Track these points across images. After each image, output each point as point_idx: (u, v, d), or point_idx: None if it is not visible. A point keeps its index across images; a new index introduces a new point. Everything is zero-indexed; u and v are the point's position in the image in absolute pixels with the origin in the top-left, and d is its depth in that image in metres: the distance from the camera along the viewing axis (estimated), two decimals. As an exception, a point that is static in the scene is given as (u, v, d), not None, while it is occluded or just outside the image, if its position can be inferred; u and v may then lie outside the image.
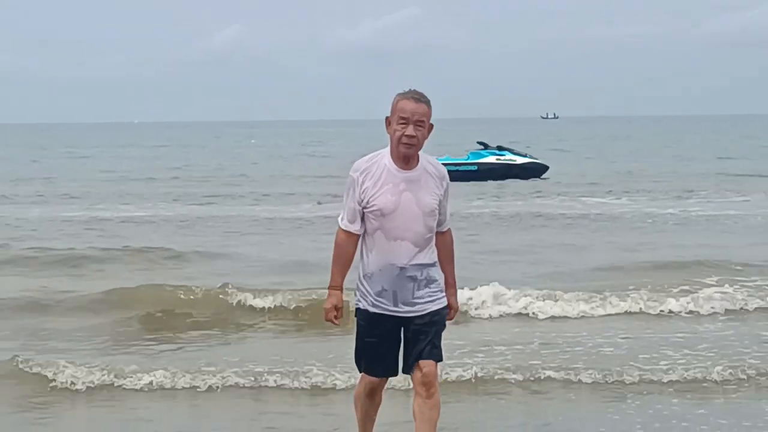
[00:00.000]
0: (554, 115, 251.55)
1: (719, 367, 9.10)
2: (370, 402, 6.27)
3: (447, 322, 6.17)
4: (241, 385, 8.71)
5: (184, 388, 8.72)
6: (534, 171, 35.93)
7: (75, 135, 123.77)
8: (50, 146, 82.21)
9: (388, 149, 6.01)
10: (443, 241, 6.17)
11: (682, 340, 10.51)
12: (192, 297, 12.28)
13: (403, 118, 5.91)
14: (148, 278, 13.82)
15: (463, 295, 10.82)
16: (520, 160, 36.09)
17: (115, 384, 8.77)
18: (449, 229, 6.21)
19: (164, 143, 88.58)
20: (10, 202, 28.54)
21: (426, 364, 6.03)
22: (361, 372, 6.21)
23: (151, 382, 8.77)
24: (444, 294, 6.16)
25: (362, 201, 5.98)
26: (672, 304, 12.15)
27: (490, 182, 33.64)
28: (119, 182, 37.71)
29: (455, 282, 6.21)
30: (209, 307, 12.00)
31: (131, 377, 8.86)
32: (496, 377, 8.82)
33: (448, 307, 6.12)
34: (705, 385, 8.74)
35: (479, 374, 8.80)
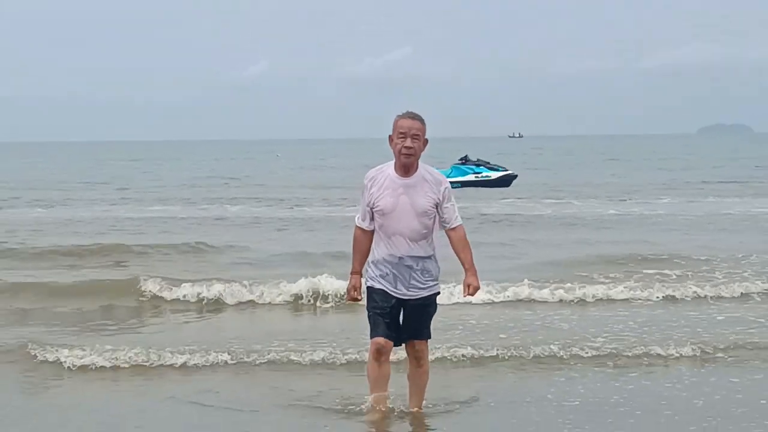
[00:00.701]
0: (519, 134, 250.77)
1: (654, 339, 8.97)
2: (377, 365, 6.18)
3: (474, 298, 6.40)
4: (273, 360, 8.32)
5: (205, 365, 8.25)
6: (506, 182, 35.98)
7: (127, 150, 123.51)
8: (110, 159, 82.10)
9: (393, 162, 6.09)
10: (454, 236, 6.18)
11: (624, 318, 10.34)
12: (216, 285, 11.77)
13: (401, 133, 6.01)
14: (188, 268, 13.61)
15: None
16: (494, 175, 36.10)
17: (149, 363, 8.23)
18: (459, 226, 6.18)
19: (202, 157, 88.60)
20: (77, 203, 28.48)
21: (418, 342, 6.25)
22: (371, 338, 6.19)
23: (185, 360, 8.28)
24: (437, 283, 6.22)
25: (370, 203, 6.11)
26: (617, 289, 11.90)
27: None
28: (167, 188, 37.67)
29: (472, 266, 6.15)
30: (233, 294, 11.64)
31: (165, 355, 8.35)
32: (468, 350, 8.58)
33: (468, 284, 6.09)
34: (639, 354, 8.55)
35: (454, 350, 8.54)
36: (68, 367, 8.15)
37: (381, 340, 6.12)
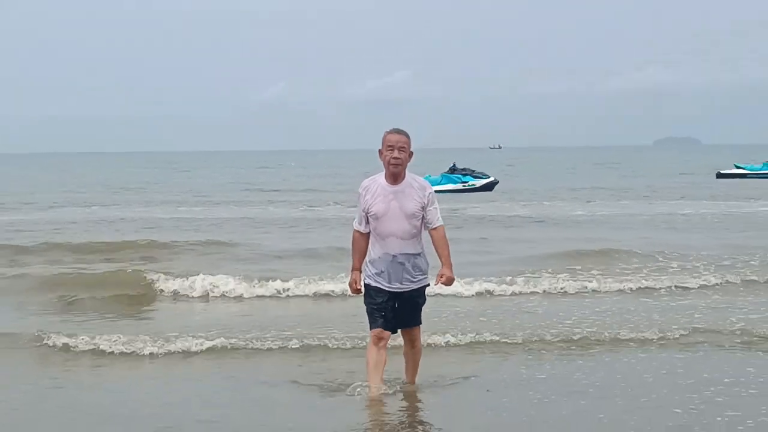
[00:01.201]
0: (499, 146, 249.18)
1: (613, 323, 8.96)
2: (376, 351, 6.16)
3: (448, 287, 6.40)
4: (285, 346, 8.13)
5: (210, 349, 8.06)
6: (489, 187, 36.01)
7: (162, 160, 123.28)
8: (146, 168, 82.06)
9: (383, 172, 6.10)
10: (435, 235, 6.13)
11: (589, 305, 10.33)
12: (233, 278, 11.57)
13: (389, 146, 6.00)
14: (207, 263, 13.51)
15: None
16: (479, 182, 36.13)
17: (162, 351, 8.00)
18: (440, 226, 6.16)
19: (227, 166, 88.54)
20: (118, 203, 28.44)
21: (412, 328, 6.30)
22: (370, 329, 6.19)
23: (206, 346, 8.08)
24: (426, 276, 6.19)
25: (365, 209, 6.10)
26: (583, 280, 11.82)
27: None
28: (195, 192, 37.63)
29: (448, 261, 6.12)
30: (246, 287, 11.47)
31: (180, 341, 8.17)
32: (453, 335, 8.50)
33: (441, 274, 6.07)
34: (600, 337, 8.49)
35: (441, 335, 8.44)
36: (82, 351, 7.98)
37: (378, 330, 6.13)
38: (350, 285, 6.29)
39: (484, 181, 36.35)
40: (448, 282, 6.12)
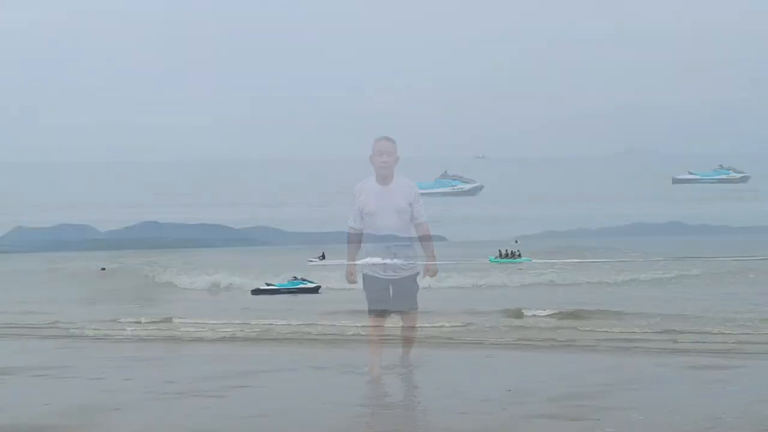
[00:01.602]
0: (483, 155, 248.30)
1: (573, 305, 8.99)
2: (375, 335, 6.13)
3: (431, 280, 6.19)
4: (285, 334, 8.18)
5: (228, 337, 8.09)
6: (475, 191, 36.38)
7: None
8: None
9: (374, 175, 6.03)
10: (420, 229, 6.06)
11: (561, 291, 10.38)
12: (254, 271, 11.83)
13: (379, 151, 5.95)
14: (228, 259, 13.53)
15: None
16: (467, 186, 36.57)
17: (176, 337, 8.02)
18: (425, 222, 6.06)
19: (249, 173, 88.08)
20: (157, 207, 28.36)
21: (409, 313, 6.18)
22: (369, 315, 6.12)
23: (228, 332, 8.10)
24: (415, 265, 6.09)
25: (360, 208, 5.99)
26: (549, 270, 11.93)
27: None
28: (218, 196, 37.49)
29: (432, 254, 6.07)
30: (264, 280, 11.62)
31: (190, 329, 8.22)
32: (434, 323, 8.48)
33: (427, 268, 6.02)
34: (566, 319, 8.58)
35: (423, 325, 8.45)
36: (116, 337, 7.94)
37: (376, 319, 6.08)
38: (347, 276, 6.21)
39: (470, 186, 36.70)
40: (433, 274, 6.18)
